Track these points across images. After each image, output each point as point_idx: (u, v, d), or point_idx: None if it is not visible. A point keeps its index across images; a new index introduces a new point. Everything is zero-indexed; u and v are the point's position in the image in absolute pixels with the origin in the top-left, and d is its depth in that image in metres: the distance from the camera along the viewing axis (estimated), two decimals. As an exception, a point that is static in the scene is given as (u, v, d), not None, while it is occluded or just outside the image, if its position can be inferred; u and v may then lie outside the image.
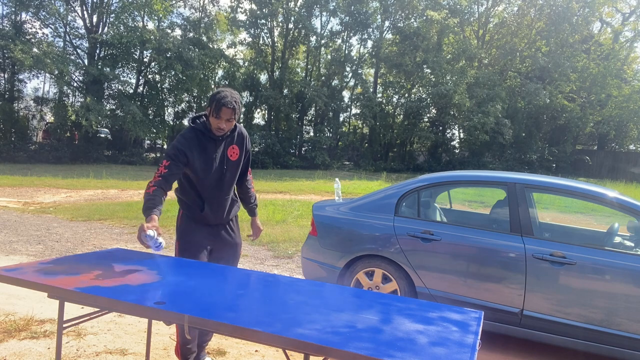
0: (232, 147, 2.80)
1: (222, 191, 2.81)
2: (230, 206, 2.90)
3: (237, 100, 2.64)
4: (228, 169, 2.79)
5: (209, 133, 2.70)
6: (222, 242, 2.87)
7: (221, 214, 2.84)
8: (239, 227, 3.03)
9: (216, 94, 2.63)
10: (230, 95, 2.62)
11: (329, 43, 28.57)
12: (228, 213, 2.88)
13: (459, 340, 1.66)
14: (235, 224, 2.98)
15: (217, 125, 2.63)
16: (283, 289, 2.21)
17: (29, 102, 24.56)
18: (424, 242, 3.72)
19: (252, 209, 3.15)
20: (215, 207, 2.79)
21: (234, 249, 2.93)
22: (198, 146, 2.69)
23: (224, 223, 2.88)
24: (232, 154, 2.81)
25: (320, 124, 28.67)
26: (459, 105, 24.68)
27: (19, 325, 3.46)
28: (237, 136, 2.83)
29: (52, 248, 6.22)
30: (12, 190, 12.00)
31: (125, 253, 2.67)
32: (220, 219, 2.85)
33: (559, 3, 25.95)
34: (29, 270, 2.18)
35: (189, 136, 2.69)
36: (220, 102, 2.58)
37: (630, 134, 28.86)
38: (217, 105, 2.59)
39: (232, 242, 2.91)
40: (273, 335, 1.61)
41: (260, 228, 3.16)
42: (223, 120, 2.62)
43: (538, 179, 3.78)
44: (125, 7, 22.18)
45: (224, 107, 2.58)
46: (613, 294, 3.22)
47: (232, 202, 2.91)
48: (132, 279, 2.16)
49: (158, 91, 25.31)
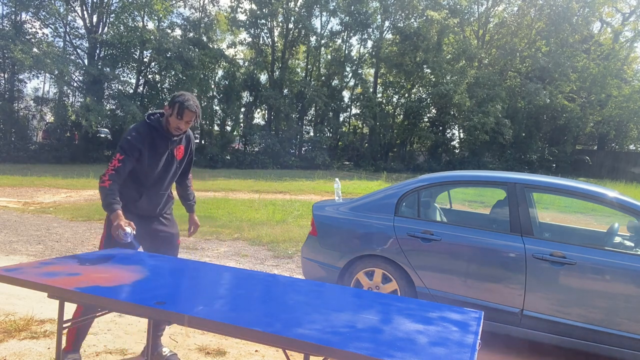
0: (179, 147, 2.97)
1: (162, 187, 2.95)
2: (166, 201, 3.03)
3: (199, 106, 2.83)
4: (172, 166, 2.95)
5: (162, 131, 2.84)
6: (154, 234, 2.97)
7: (154, 208, 2.95)
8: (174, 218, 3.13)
9: (180, 96, 2.78)
10: (193, 99, 2.79)
11: (329, 43, 28.57)
12: (162, 208, 3.01)
13: (459, 340, 1.66)
14: (170, 216, 3.09)
15: (177, 125, 2.79)
16: (283, 289, 2.21)
17: (29, 102, 24.55)
18: (424, 242, 3.72)
19: (190, 206, 3.30)
20: (151, 201, 2.92)
21: (169, 239, 3.03)
22: (150, 142, 2.81)
23: (156, 216, 2.98)
24: (178, 153, 2.97)
25: (320, 124, 28.66)
26: (459, 105, 24.69)
27: (19, 325, 3.46)
28: (184, 137, 3.00)
29: (52, 248, 6.22)
30: (12, 190, 12.00)
31: (125, 253, 2.67)
32: (153, 212, 2.96)
33: (559, 3, 25.95)
34: (29, 270, 2.18)
35: (143, 131, 2.81)
36: (184, 105, 2.74)
37: (630, 134, 28.86)
38: (181, 107, 2.74)
39: (166, 233, 3.01)
40: (273, 335, 1.61)
41: (197, 223, 3.28)
42: (184, 122, 2.78)
43: (538, 179, 3.78)
44: (125, 7, 22.17)
45: (187, 110, 2.74)
46: (613, 294, 3.22)
47: (167, 198, 3.05)
48: (132, 279, 2.16)
49: (158, 91, 25.30)
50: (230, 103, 27.02)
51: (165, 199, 3.02)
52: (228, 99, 26.90)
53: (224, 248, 6.68)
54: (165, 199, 3.02)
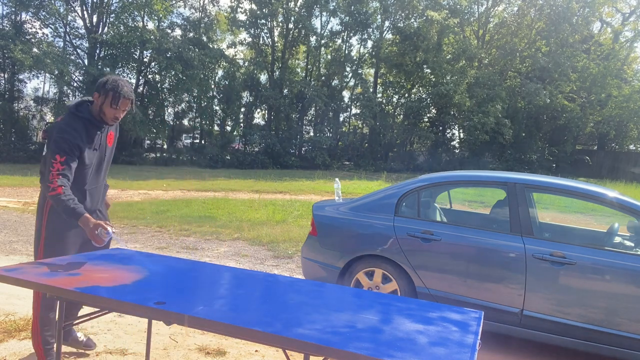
0: (110, 134, 2.82)
1: (100, 178, 2.83)
2: (104, 191, 2.92)
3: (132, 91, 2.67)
4: (106, 154, 2.81)
5: (94, 120, 2.64)
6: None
7: (97, 201, 2.84)
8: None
9: (112, 83, 2.57)
10: (127, 85, 2.62)
11: (329, 43, 28.58)
12: (102, 200, 2.91)
13: (459, 340, 1.66)
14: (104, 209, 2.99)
15: (114, 115, 2.62)
16: (283, 289, 2.21)
17: (29, 102, 24.58)
18: (424, 242, 3.72)
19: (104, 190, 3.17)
20: (94, 195, 2.80)
21: None
22: (87, 135, 2.63)
23: (96, 209, 2.85)
24: (110, 140, 2.83)
25: (320, 124, 28.67)
26: (459, 105, 24.69)
27: (19, 325, 3.46)
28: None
29: (52, 248, 6.21)
30: (12, 190, 12.00)
31: (126, 253, 2.67)
32: (96, 205, 2.84)
33: (559, 3, 25.95)
34: (29, 270, 2.18)
35: (77, 127, 2.59)
36: (120, 93, 2.56)
37: (630, 134, 28.87)
38: (116, 96, 2.56)
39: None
40: (273, 335, 1.61)
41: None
42: (121, 110, 2.62)
43: (538, 179, 3.78)
44: (125, 7, 22.19)
45: (123, 98, 2.58)
46: (613, 294, 3.22)
47: (105, 188, 2.95)
48: (132, 279, 2.16)
49: (158, 91, 25.31)
50: (230, 103, 27.04)
51: (104, 190, 2.92)
52: (228, 99, 26.91)
53: (224, 248, 6.68)
54: (103, 188, 2.90)
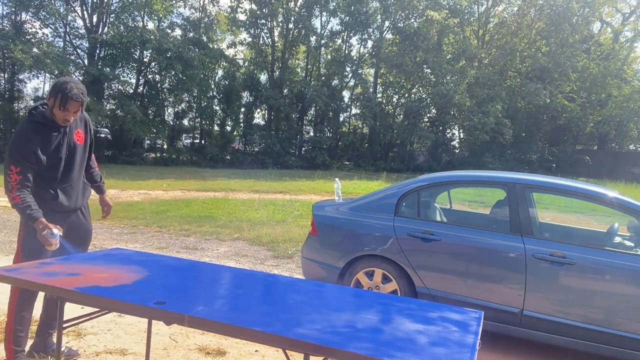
0: (77, 132, 2.80)
1: (74, 176, 2.81)
2: (83, 191, 2.92)
3: (84, 92, 2.62)
4: (76, 153, 2.79)
5: (51, 123, 2.64)
6: (73, 229, 2.85)
7: (75, 199, 2.83)
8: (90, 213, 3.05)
9: (61, 85, 2.56)
10: (77, 87, 2.57)
11: (329, 43, 28.59)
12: (82, 198, 2.90)
13: (459, 340, 1.66)
14: (87, 210, 2.98)
15: (63, 117, 2.60)
16: (283, 289, 2.21)
17: (29, 102, 24.55)
18: (424, 242, 3.72)
19: (100, 187, 3.17)
20: (69, 192, 2.79)
21: (85, 234, 2.94)
22: (42, 139, 2.62)
23: (77, 209, 2.87)
24: (78, 138, 2.81)
25: (320, 124, 28.67)
26: (459, 105, 24.69)
27: (19, 325, 3.45)
28: (79, 120, 2.81)
29: (52, 248, 6.21)
30: (12, 190, 11.98)
31: (125, 253, 2.67)
32: (75, 204, 2.84)
33: (559, 3, 25.96)
34: (29, 270, 2.18)
35: (30, 132, 2.61)
36: (68, 95, 2.53)
37: (630, 134, 28.88)
38: (64, 98, 2.53)
39: (84, 228, 2.92)
40: (273, 335, 1.61)
41: (109, 204, 3.17)
42: (70, 113, 2.59)
43: (538, 179, 3.78)
44: (125, 7, 22.19)
45: (71, 101, 2.55)
46: (613, 294, 3.22)
47: (84, 186, 2.93)
48: (132, 279, 2.17)
49: (158, 91, 25.31)
50: (230, 103, 27.04)
51: (82, 188, 2.91)
52: (228, 99, 26.91)
53: (224, 248, 6.68)
54: (82, 188, 2.90)
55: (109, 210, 3.16)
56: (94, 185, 3.12)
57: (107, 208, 3.15)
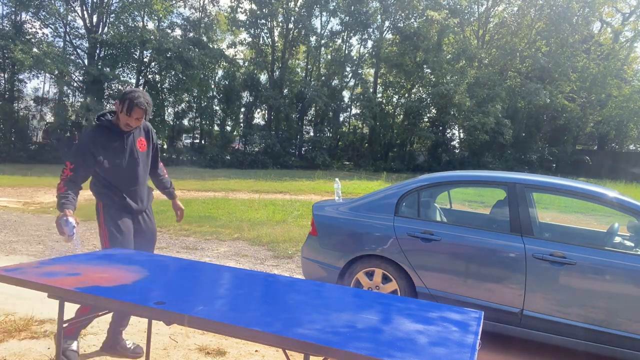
0: (140, 140, 3.01)
1: (138, 180, 2.98)
2: (148, 195, 3.10)
3: (149, 102, 2.84)
4: (139, 159, 2.98)
5: (115, 128, 2.87)
6: (140, 230, 3.04)
7: (140, 203, 3.01)
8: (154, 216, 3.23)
9: (129, 93, 2.78)
10: (144, 96, 2.80)
11: (329, 43, 28.58)
12: (147, 202, 3.09)
13: (459, 340, 1.66)
14: (151, 212, 3.16)
15: (126, 121, 2.81)
16: (283, 289, 2.21)
17: (29, 102, 24.57)
18: (424, 242, 3.72)
19: (170, 193, 3.35)
20: (135, 197, 2.98)
21: (151, 235, 3.11)
22: (105, 142, 2.85)
23: (142, 212, 3.06)
24: (141, 145, 3.01)
25: (320, 124, 28.67)
26: (459, 105, 24.69)
27: (19, 325, 3.46)
28: (142, 130, 3.04)
29: (52, 248, 6.22)
30: (12, 190, 12.00)
31: (125, 253, 2.67)
32: (141, 207, 3.02)
33: (559, 3, 25.96)
34: (29, 270, 2.18)
35: (93, 134, 2.84)
36: (134, 102, 2.75)
37: (630, 134, 28.88)
38: (130, 105, 2.75)
39: (150, 229, 3.10)
40: (273, 335, 1.61)
41: (181, 207, 3.34)
42: (133, 119, 2.80)
43: (538, 179, 3.78)
44: (125, 7, 22.18)
45: (136, 107, 2.76)
46: (613, 294, 3.22)
47: (148, 191, 3.12)
48: (132, 279, 2.16)
49: (158, 91, 25.30)
50: (230, 103, 27.03)
51: (146, 193, 3.08)
52: (228, 99, 26.90)
53: (224, 248, 6.68)
54: (146, 193, 3.07)
55: (181, 213, 3.35)
56: (165, 190, 3.34)
57: (180, 212, 3.34)
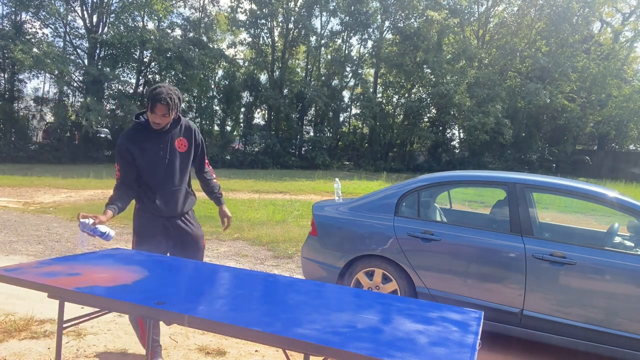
0: (179, 139, 2.86)
1: (173, 182, 2.84)
2: (184, 198, 2.92)
3: (173, 97, 2.65)
4: (176, 160, 2.84)
5: (151, 127, 2.76)
6: (181, 236, 2.90)
7: (174, 206, 2.86)
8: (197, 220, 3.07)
9: (152, 90, 2.67)
10: (166, 91, 2.64)
11: (329, 43, 28.56)
12: (182, 206, 2.90)
13: (459, 340, 1.66)
14: (193, 217, 3.01)
15: (152, 119, 2.70)
16: (283, 289, 2.21)
17: (29, 102, 24.55)
18: (424, 242, 3.72)
19: (217, 198, 3.18)
20: (167, 198, 2.83)
21: (195, 240, 2.95)
22: (141, 141, 2.76)
23: (177, 216, 2.89)
24: (180, 145, 2.86)
25: (320, 124, 28.66)
26: (459, 105, 24.68)
27: (19, 325, 3.46)
28: (183, 129, 2.88)
29: (52, 248, 6.22)
30: (12, 190, 12.00)
31: (125, 253, 2.67)
32: (174, 211, 2.87)
33: (559, 3, 25.95)
34: (29, 270, 2.18)
35: (130, 133, 2.79)
36: (155, 98, 2.62)
37: (630, 134, 28.87)
38: (152, 101, 2.64)
39: (192, 234, 2.93)
40: (273, 335, 1.61)
41: (229, 215, 3.17)
42: (158, 116, 2.67)
43: (538, 179, 3.78)
44: (125, 7, 22.18)
45: (158, 104, 2.63)
46: (613, 294, 3.22)
47: (185, 194, 2.93)
48: (132, 279, 2.16)
49: (158, 91, 25.27)
50: (230, 103, 27.02)
51: (183, 196, 2.90)
52: (228, 99, 26.89)
53: (224, 248, 6.68)
54: (182, 196, 2.90)
55: (228, 221, 3.16)
56: (211, 196, 3.16)
57: (227, 220, 3.16)
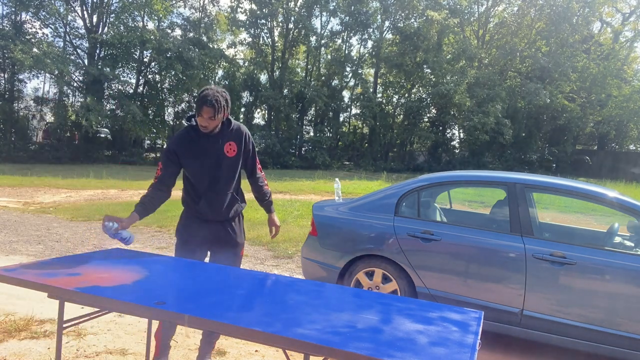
0: (229, 144, 2.78)
1: (220, 187, 2.78)
2: (230, 204, 2.83)
3: (219, 99, 2.60)
4: (224, 165, 2.77)
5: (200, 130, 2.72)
6: (222, 242, 2.84)
7: (219, 211, 2.80)
8: (243, 227, 2.99)
9: (200, 92, 2.65)
10: (213, 94, 2.59)
11: (329, 43, 28.57)
12: (227, 211, 2.82)
13: (459, 340, 1.66)
14: (238, 224, 2.92)
15: (200, 122, 2.66)
16: (283, 289, 2.21)
17: (29, 102, 24.57)
18: (424, 242, 3.72)
19: (267, 206, 3.09)
20: (212, 203, 2.77)
21: (234, 248, 2.88)
22: (190, 144, 2.73)
23: (222, 221, 2.83)
24: (229, 150, 2.79)
25: (320, 124, 28.66)
26: (459, 105, 24.69)
27: (19, 325, 3.46)
28: (234, 133, 2.81)
29: (52, 248, 6.22)
30: (12, 190, 12.00)
31: (125, 253, 2.67)
32: (219, 215, 2.80)
33: (559, 3, 25.95)
34: (29, 270, 2.18)
35: (181, 135, 2.77)
36: (201, 101, 2.59)
37: (630, 134, 28.88)
38: (199, 104, 2.60)
39: (232, 242, 2.86)
40: (273, 335, 1.61)
41: (277, 224, 3.08)
42: (205, 119, 2.62)
43: (538, 179, 3.78)
44: (125, 7, 22.19)
45: (204, 106, 2.58)
46: (613, 294, 3.22)
47: (232, 199, 2.84)
48: (132, 279, 2.17)
49: (158, 91, 25.31)
50: (230, 103, 27.00)
51: (229, 201, 2.82)
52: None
53: (224, 248, 6.67)
54: (228, 201, 2.81)
55: (276, 230, 3.08)
56: (261, 203, 3.09)
57: (275, 228, 3.07)
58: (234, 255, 2.89)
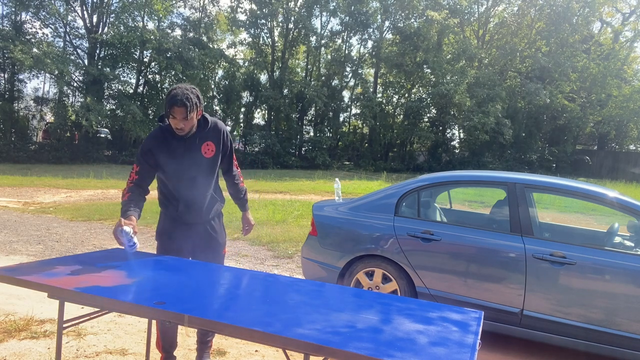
0: (206, 144, 2.65)
1: (198, 189, 2.69)
2: (210, 205, 2.77)
3: (190, 97, 2.41)
4: (202, 167, 2.65)
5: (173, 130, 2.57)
6: (203, 242, 2.79)
7: (199, 213, 2.73)
8: (223, 225, 2.96)
9: (169, 92, 2.46)
10: (182, 92, 2.41)
11: (329, 43, 28.56)
12: (207, 212, 2.77)
13: (459, 340, 1.66)
14: (218, 223, 2.88)
15: (174, 125, 2.49)
16: (283, 289, 2.21)
17: (29, 102, 24.56)
18: (424, 242, 3.72)
19: (242, 204, 3.05)
20: (191, 205, 2.69)
21: (217, 248, 2.84)
22: (166, 145, 2.58)
23: (203, 222, 2.78)
24: (207, 150, 2.66)
25: (320, 124, 28.66)
26: (459, 105, 24.68)
27: (19, 325, 3.46)
28: (211, 131, 2.66)
29: (52, 248, 6.22)
30: (12, 190, 12.00)
31: (125, 253, 2.67)
32: (199, 217, 2.74)
33: (559, 3, 25.94)
34: (29, 270, 2.18)
35: (155, 135, 2.61)
36: (171, 102, 2.40)
37: (630, 134, 28.87)
38: (169, 105, 2.42)
39: (214, 242, 2.82)
40: (273, 335, 1.61)
41: (251, 222, 3.07)
42: (178, 120, 2.45)
43: (538, 179, 3.78)
44: (125, 7, 22.18)
45: (174, 107, 2.41)
46: (613, 294, 3.22)
47: (211, 200, 2.78)
48: (132, 279, 2.17)
49: (158, 91, 25.30)
50: (230, 103, 27.02)
51: (208, 202, 2.75)
52: (228, 99, 26.90)
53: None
54: (207, 202, 2.74)
55: (249, 228, 3.06)
56: (236, 200, 3.03)
57: (247, 226, 3.06)
58: (217, 255, 2.85)
